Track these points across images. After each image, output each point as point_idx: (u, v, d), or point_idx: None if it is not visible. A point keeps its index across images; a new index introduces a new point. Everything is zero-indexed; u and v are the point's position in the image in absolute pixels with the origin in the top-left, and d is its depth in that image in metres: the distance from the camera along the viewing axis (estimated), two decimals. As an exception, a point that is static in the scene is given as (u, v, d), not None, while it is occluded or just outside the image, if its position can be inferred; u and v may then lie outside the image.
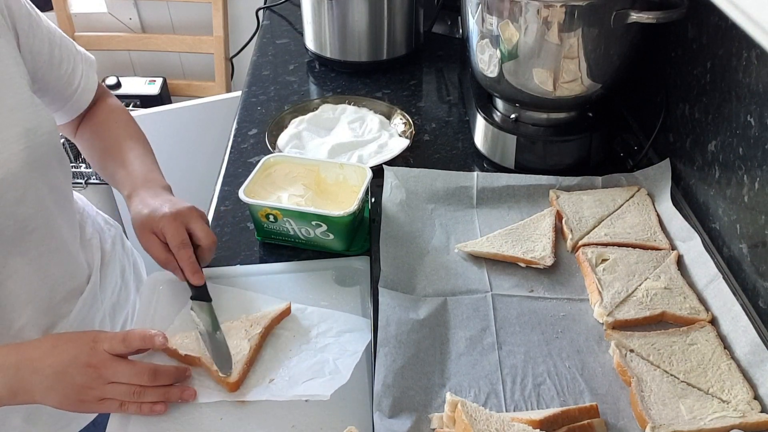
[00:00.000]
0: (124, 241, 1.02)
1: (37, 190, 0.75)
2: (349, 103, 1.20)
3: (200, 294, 0.80)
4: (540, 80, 0.94)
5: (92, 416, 0.88)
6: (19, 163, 0.72)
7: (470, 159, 1.09)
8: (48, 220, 0.78)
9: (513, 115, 1.04)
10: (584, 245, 0.87)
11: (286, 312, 0.80)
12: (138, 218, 0.80)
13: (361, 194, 0.87)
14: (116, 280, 0.95)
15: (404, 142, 1.09)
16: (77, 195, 0.93)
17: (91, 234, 0.92)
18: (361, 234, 0.92)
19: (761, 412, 0.66)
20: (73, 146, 1.78)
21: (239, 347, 0.74)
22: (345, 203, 0.87)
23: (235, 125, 1.21)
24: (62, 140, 0.85)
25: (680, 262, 0.84)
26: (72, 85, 0.87)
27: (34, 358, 0.68)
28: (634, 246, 0.86)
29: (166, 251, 0.79)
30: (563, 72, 0.92)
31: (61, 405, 0.68)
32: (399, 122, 1.16)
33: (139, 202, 0.81)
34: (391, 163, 1.04)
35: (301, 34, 1.42)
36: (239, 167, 1.09)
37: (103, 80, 2.09)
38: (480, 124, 1.07)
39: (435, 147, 1.13)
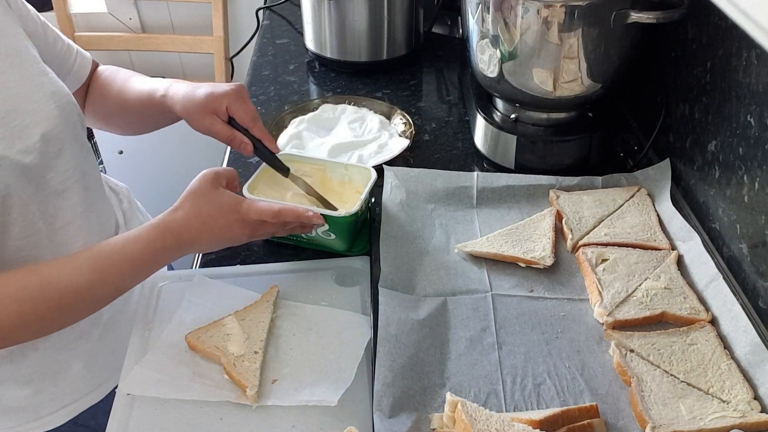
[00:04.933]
0: (136, 203, 1.05)
1: (71, 146, 0.80)
2: (349, 103, 1.20)
3: (282, 168, 0.88)
4: (540, 80, 0.94)
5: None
6: (54, 121, 0.77)
7: (470, 159, 1.09)
8: (84, 175, 0.83)
9: (513, 115, 1.04)
10: (584, 245, 0.87)
11: (271, 293, 0.82)
12: (192, 102, 0.83)
13: (364, 195, 0.87)
14: None
15: (404, 142, 1.09)
16: None
17: (109, 193, 0.96)
18: (363, 235, 0.92)
19: (761, 412, 0.66)
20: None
21: (252, 358, 0.74)
22: (348, 203, 0.87)
23: (235, 125, 1.21)
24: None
25: (680, 262, 0.84)
26: (69, 60, 0.91)
27: (189, 236, 0.75)
28: (634, 246, 0.86)
29: (230, 128, 0.83)
30: (563, 72, 0.92)
31: (237, 238, 0.79)
32: (399, 122, 1.16)
33: (184, 91, 0.84)
34: (391, 163, 1.04)
35: (301, 34, 1.42)
36: (239, 167, 1.09)
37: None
38: (480, 124, 1.07)
39: (435, 147, 1.13)
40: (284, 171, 0.88)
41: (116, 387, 0.87)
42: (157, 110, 0.89)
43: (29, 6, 0.86)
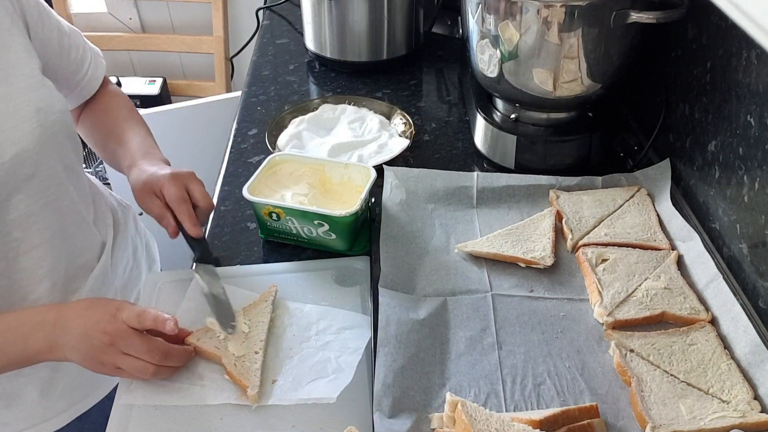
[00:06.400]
0: (137, 221, 1.04)
1: (49, 168, 0.79)
2: (349, 103, 1.20)
3: (205, 255, 0.83)
4: (540, 80, 0.94)
5: (107, 390, 0.91)
6: (32, 141, 0.75)
7: (470, 159, 1.09)
8: (62, 196, 0.81)
9: (513, 115, 1.04)
10: (584, 245, 0.87)
11: (269, 293, 0.82)
12: (138, 181, 0.84)
13: (363, 195, 0.87)
14: (128, 259, 0.97)
15: (404, 142, 1.09)
16: (89, 176, 0.95)
17: (104, 211, 0.95)
18: (364, 234, 0.92)
19: (761, 412, 0.66)
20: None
21: (253, 358, 0.74)
22: (348, 203, 0.87)
23: (235, 125, 1.21)
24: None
25: (680, 262, 0.84)
26: (80, 72, 0.90)
27: (68, 317, 0.71)
28: (634, 246, 0.86)
29: (164, 208, 0.82)
30: (563, 72, 0.92)
31: (84, 364, 0.72)
32: (399, 122, 1.16)
33: (139, 169, 0.86)
34: (391, 163, 1.04)
35: (301, 34, 1.42)
36: (239, 167, 1.09)
37: (103, 80, 2.09)
38: (480, 124, 1.07)
39: (435, 147, 1.13)
40: (211, 260, 0.84)
41: (75, 419, 0.87)
42: (120, 168, 0.92)
43: (51, 15, 0.85)
